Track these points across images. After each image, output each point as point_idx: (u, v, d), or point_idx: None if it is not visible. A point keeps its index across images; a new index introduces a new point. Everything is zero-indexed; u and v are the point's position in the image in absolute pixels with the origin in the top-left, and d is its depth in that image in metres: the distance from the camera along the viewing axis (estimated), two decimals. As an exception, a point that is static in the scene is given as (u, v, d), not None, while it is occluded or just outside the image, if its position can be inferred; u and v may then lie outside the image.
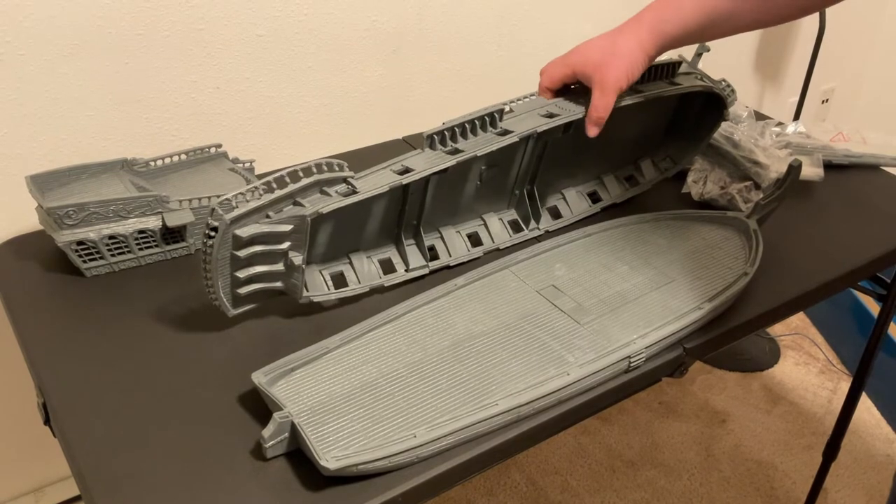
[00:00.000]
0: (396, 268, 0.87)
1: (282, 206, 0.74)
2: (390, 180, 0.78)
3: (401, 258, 0.88)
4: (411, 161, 0.81)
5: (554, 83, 0.88)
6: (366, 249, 0.86)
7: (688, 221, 0.95)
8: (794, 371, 1.82)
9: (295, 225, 0.74)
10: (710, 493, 1.50)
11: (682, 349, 0.79)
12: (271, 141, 1.17)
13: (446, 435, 0.64)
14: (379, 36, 1.20)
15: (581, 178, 1.01)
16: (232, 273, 0.74)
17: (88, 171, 0.92)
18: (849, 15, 2.00)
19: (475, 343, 0.75)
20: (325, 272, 0.83)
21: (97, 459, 0.65)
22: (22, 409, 1.12)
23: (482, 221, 0.94)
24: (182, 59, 1.04)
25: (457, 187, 0.89)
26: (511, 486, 1.49)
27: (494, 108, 0.83)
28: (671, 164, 1.06)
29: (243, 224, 0.71)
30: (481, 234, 0.94)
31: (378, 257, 0.87)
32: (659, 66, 0.92)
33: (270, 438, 0.63)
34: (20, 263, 0.89)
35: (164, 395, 0.72)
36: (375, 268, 0.86)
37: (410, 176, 0.79)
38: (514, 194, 0.95)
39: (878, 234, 0.99)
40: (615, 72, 0.82)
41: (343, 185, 0.77)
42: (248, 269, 0.74)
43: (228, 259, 0.73)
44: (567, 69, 0.86)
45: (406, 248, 0.87)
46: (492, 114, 0.83)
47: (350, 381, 0.70)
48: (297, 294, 0.79)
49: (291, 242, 0.75)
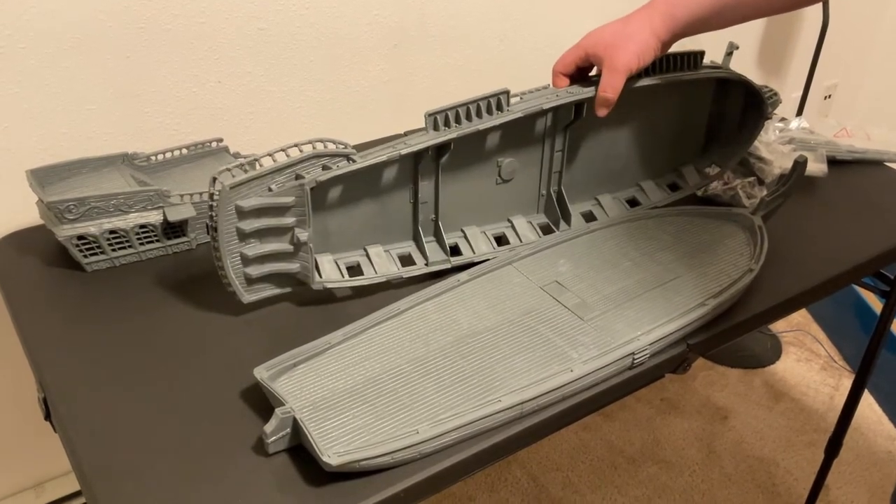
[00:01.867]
0: (416, 261, 0.86)
1: (283, 180, 0.74)
2: (390, 152, 0.77)
3: (420, 253, 0.87)
4: (412, 139, 0.80)
5: (567, 67, 0.88)
6: (384, 244, 0.85)
7: (692, 217, 0.95)
8: (796, 367, 1.81)
9: (296, 196, 0.74)
10: (711, 490, 1.50)
11: (686, 345, 0.78)
12: (272, 135, 1.17)
13: (449, 431, 0.64)
14: (381, 30, 1.20)
15: (618, 185, 0.99)
16: (240, 250, 0.74)
17: (89, 166, 0.91)
18: (852, 10, 2.00)
19: (478, 339, 0.75)
20: (340, 262, 0.83)
21: (98, 454, 0.65)
22: (22, 405, 1.12)
23: (509, 224, 0.92)
24: (183, 53, 1.04)
25: (473, 180, 0.87)
26: (512, 482, 1.49)
27: (501, 91, 0.82)
28: (715, 169, 1.04)
29: (244, 195, 0.71)
30: (508, 234, 0.92)
31: (397, 251, 0.86)
32: (679, 56, 0.92)
33: (272, 434, 0.63)
34: (21, 258, 0.89)
35: (166, 389, 0.71)
36: (394, 261, 0.85)
37: (410, 147, 0.78)
38: (541, 196, 0.94)
39: (882, 230, 0.99)
40: (625, 53, 0.82)
41: (345, 160, 0.76)
42: (256, 247, 0.74)
43: (234, 233, 0.73)
44: (579, 51, 0.86)
45: (426, 244, 0.86)
46: (497, 96, 0.82)
47: (353, 376, 0.70)
48: (309, 278, 0.78)
49: (295, 218, 0.75)
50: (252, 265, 0.76)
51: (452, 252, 0.88)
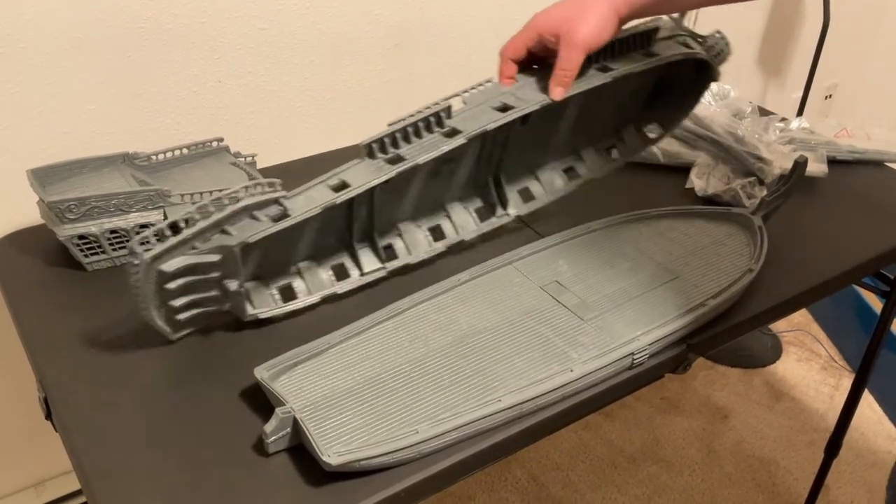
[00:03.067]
0: (350, 272, 0.83)
1: (209, 234, 0.70)
2: (324, 199, 0.73)
3: (353, 262, 0.83)
4: (348, 174, 0.75)
5: (517, 51, 0.81)
6: (317, 258, 0.82)
7: (692, 217, 0.95)
8: (796, 367, 1.81)
9: (223, 255, 0.70)
10: (711, 490, 1.50)
11: (686, 346, 0.78)
12: (273, 135, 1.17)
13: (449, 431, 0.64)
14: (381, 30, 1.20)
15: (556, 154, 0.94)
16: (167, 304, 0.71)
17: (89, 166, 0.91)
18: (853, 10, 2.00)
19: (478, 339, 0.75)
20: (272, 285, 0.79)
21: (98, 454, 0.65)
22: (23, 404, 1.12)
23: (446, 213, 0.89)
24: (184, 52, 1.04)
25: (408, 189, 0.83)
26: (512, 482, 1.49)
27: (439, 106, 0.77)
28: (658, 130, 1.00)
29: (166, 260, 0.68)
30: (445, 226, 0.88)
31: (331, 263, 0.82)
32: (633, 35, 0.85)
33: (272, 433, 0.63)
34: (21, 258, 0.89)
35: (166, 389, 0.71)
36: (328, 275, 0.82)
37: (345, 193, 0.73)
38: (477, 183, 0.90)
39: (882, 230, 0.99)
40: (584, 27, 0.75)
41: (275, 206, 0.72)
42: (181, 298, 0.71)
43: (156, 292, 0.69)
44: (530, 32, 0.79)
45: (358, 251, 0.83)
46: (437, 114, 0.77)
47: (353, 376, 0.70)
48: (242, 314, 0.76)
49: (222, 272, 0.72)
50: (180, 313, 0.73)
51: (388, 255, 0.85)
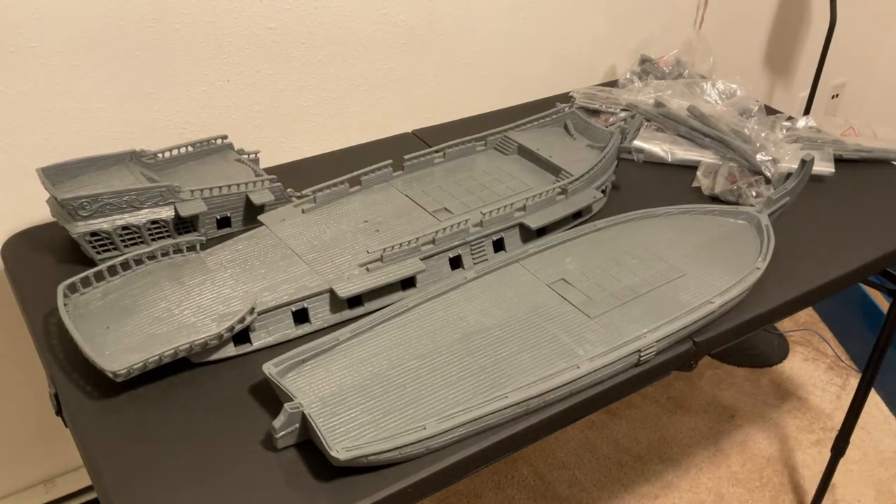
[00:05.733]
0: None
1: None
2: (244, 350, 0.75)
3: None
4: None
5: None
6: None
7: (698, 215, 0.95)
8: (802, 367, 1.81)
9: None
10: (718, 488, 1.50)
11: (692, 343, 0.78)
12: (281, 133, 1.17)
13: (456, 427, 0.65)
14: (389, 29, 1.20)
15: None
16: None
17: (98, 163, 0.92)
18: (860, 9, 1.99)
19: (485, 335, 0.75)
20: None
21: (108, 449, 0.65)
22: (34, 400, 1.13)
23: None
24: (193, 51, 1.05)
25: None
26: (519, 480, 1.49)
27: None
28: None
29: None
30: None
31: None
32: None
33: (281, 429, 0.64)
34: (33, 255, 0.90)
35: (176, 385, 0.72)
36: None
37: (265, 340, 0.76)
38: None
39: (889, 228, 0.99)
40: None
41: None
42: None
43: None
44: None
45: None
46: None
47: (361, 372, 0.70)
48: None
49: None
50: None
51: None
